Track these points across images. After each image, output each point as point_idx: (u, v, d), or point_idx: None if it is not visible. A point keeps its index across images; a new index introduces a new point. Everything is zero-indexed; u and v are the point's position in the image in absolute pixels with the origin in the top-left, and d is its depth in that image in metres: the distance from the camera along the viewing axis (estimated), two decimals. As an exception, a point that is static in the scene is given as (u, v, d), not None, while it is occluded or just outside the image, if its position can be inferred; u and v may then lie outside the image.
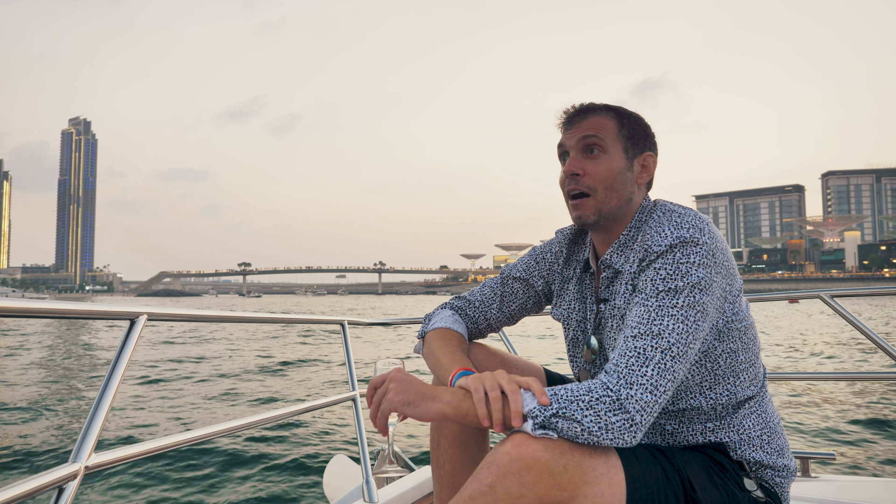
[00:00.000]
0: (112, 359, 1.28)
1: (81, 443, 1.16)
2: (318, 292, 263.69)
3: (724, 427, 1.21)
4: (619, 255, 1.26)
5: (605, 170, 1.24)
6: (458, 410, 1.06)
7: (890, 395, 8.68)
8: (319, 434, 6.88)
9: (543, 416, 0.99)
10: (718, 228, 1.35)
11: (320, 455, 6.04)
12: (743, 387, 1.22)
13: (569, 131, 1.29)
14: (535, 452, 0.97)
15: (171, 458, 5.78)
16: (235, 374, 12.59)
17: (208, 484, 5.28)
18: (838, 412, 7.61)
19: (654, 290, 1.10)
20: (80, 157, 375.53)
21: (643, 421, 1.01)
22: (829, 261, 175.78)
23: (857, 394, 8.74)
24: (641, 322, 1.08)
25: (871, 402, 8.21)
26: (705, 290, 1.10)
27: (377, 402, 1.14)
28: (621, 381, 1.02)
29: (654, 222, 1.20)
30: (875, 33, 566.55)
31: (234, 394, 10.11)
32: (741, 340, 1.21)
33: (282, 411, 1.81)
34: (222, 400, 9.57)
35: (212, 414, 8.59)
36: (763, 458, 1.21)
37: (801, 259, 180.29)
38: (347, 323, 2.32)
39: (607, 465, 1.02)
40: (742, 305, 1.22)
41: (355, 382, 2.16)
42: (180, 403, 9.20)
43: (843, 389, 9.00)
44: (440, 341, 1.37)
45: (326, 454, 6.01)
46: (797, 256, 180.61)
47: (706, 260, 1.11)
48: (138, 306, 1.36)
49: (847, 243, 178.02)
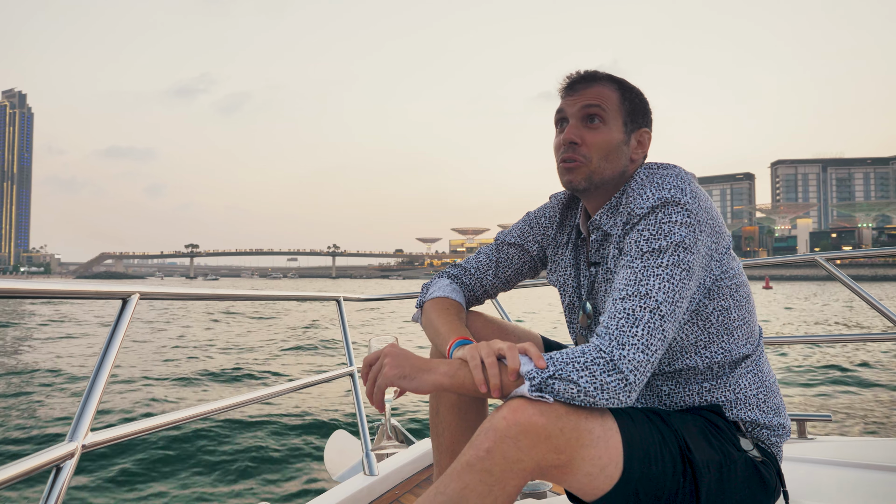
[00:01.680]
0: (105, 338, 1.28)
1: (77, 422, 1.18)
2: (273, 275, 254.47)
3: (720, 387, 1.23)
4: (609, 218, 1.26)
5: (603, 140, 1.24)
6: (454, 380, 1.07)
7: (882, 356, 8.89)
8: (319, 410, 6.87)
9: (541, 378, 1.01)
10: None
11: (320, 430, 6.03)
12: (738, 345, 1.23)
13: (570, 97, 1.27)
14: (531, 417, 0.99)
15: (169, 437, 5.67)
16: (232, 351, 12.43)
17: (206, 461, 5.20)
18: (835, 374, 7.81)
19: (639, 251, 1.12)
20: (14, 132, 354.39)
21: (637, 381, 1.03)
22: (781, 247, 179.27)
23: (853, 356, 8.91)
24: (629, 284, 1.09)
25: (867, 363, 8.46)
26: (689, 249, 1.11)
27: (373, 378, 1.13)
28: (613, 342, 1.04)
29: (637, 184, 1.20)
30: (824, 28, 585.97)
31: (230, 372, 9.96)
32: (732, 298, 1.22)
33: (280, 388, 1.84)
34: (218, 378, 9.43)
35: (208, 392, 8.48)
36: (759, 417, 1.23)
37: (754, 246, 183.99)
38: (343, 299, 2.35)
39: (603, 427, 1.03)
40: (732, 263, 1.24)
41: (352, 358, 2.19)
42: (177, 382, 9.03)
43: (838, 352, 9.18)
44: (438, 310, 1.38)
45: (326, 430, 5.96)
46: (751, 243, 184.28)
47: (688, 219, 1.12)
48: (131, 285, 1.37)
49: (799, 230, 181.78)
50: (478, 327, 1.45)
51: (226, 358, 11.50)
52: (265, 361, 11.17)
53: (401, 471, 2.08)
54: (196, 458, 5.28)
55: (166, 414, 1.42)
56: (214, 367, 10.42)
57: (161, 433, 5.54)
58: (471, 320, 1.46)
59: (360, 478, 1.95)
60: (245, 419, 6.36)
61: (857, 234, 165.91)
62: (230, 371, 9.96)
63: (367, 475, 1.94)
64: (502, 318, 2.30)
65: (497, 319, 1.50)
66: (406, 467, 2.11)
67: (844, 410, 6.26)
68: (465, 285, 1.51)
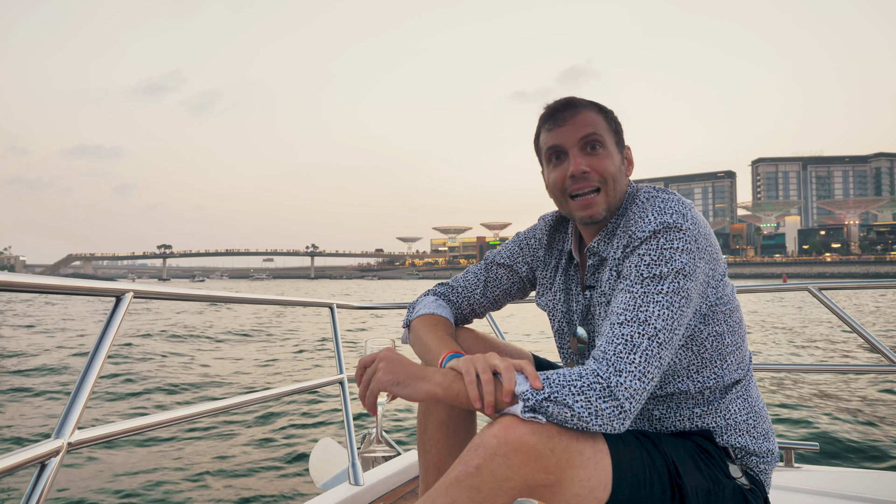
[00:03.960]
0: (97, 336, 1.26)
1: (64, 419, 1.16)
2: (257, 277, 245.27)
3: (710, 412, 1.22)
4: (606, 244, 1.25)
5: (610, 164, 1.22)
6: (448, 391, 1.05)
7: (872, 388, 8.54)
8: (306, 417, 6.79)
9: (535, 400, 1.00)
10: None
11: (306, 438, 5.96)
12: (730, 370, 1.22)
13: (560, 128, 1.24)
14: (522, 436, 0.97)
15: (154, 438, 5.65)
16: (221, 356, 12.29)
17: (191, 465, 5.13)
18: (822, 404, 7.65)
19: (639, 276, 1.10)
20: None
21: (632, 408, 1.01)
22: (770, 245, 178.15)
23: (842, 386, 8.70)
24: (627, 309, 1.08)
25: (856, 394, 8.23)
26: (689, 276, 1.10)
27: (366, 381, 1.12)
28: (610, 368, 1.02)
29: (638, 208, 1.18)
30: (801, 27, 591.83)
31: (218, 375, 9.85)
32: (726, 323, 1.21)
33: (268, 392, 1.82)
34: (207, 381, 9.30)
35: (196, 394, 8.37)
36: (748, 443, 1.22)
37: (743, 243, 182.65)
38: (336, 306, 2.36)
39: (594, 449, 1.03)
40: (726, 289, 1.22)
41: (343, 365, 2.17)
42: (165, 383, 8.96)
43: (828, 381, 8.97)
44: (427, 327, 1.36)
45: (312, 437, 5.95)
46: (739, 241, 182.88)
47: (689, 245, 1.11)
48: (124, 284, 1.36)
49: (787, 228, 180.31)
50: (469, 344, 1.42)
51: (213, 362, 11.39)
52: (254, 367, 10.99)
53: (386, 481, 2.05)
54: (179, 461, 5.20)
55: (153, 414, 1.41)
56: (201, 370, 10.35)
57: (146, 433, 4.96)
58: (462, 336, 1.44)
59: (345, 487, 1.93)
60: (232, 422, 6.30)
61: (846, 232, 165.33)
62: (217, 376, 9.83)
63: (353, 485, 1.92)
64: (495, 335, 2.31)
65: (488, 336, 1.47)
66: (392, 478, 2.08)
67: (832, 440, 6.06)
68: (451, 303, 1.50)
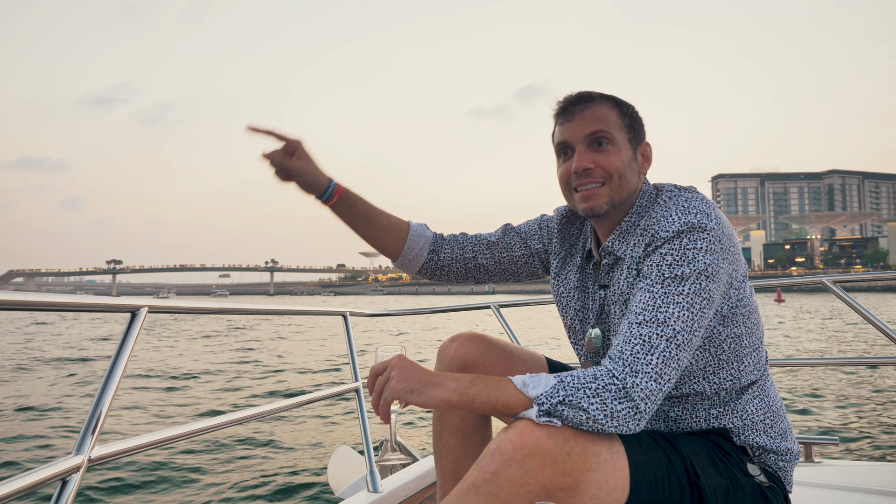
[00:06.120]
0: (114, 352, 1.27)
1: (84, 435, 1.16)
2: (219, 293, 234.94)
3: (727, 413, 1.20)
4: (621, 242, 1.23)
5: (617, 160, 1.20)
6: (463, 397, 1.05)
7: (891, 380, 8.31)
8: (323, 426, 6.86)
9: (550, 404, 0.99)
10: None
11: (324, 446, 6.02)
12: (747, 371, 1.21)
13: (569, 123, 1.22)
14: (538, 440, 0.97)
15: (174, 451, 5.69)
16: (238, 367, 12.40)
17: (211, 476, 5.19)
18: (842, 398, 7.46)
19: (660, 276, 1.08)
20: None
21: (647, 409, 1.01)
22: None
23: (860, 380, 8.42)
24: (647, 308, 1.06)
25: (875, 387, 8.03)
26: (711, 278, 1.08)
27: (379, 389, 1.11)
28: (626, 368, 1.01)
29: (661, 206, 1.16)
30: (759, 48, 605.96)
31: (236, 387, 9.92)
32: (745, 325, 1.19)
33: (285, 402, 1.84)
34: (225, 393, 9.38)
35: (214, 406, 8.48)
36: (766, 442, 1.21)
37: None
38: (349, 314, 2.36)
39: (611, 451, 1.02)
40: (746, 290, 1.21)
41: (357, 373, 2.19)
42: (182, 396, 9.03)
43: (846, 375, 8.65)
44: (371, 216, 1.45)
45: (330, 446, 5.97)
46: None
47: (713, 246, 1.09)
48: (140, 299, 1.36)
49: (753, 242, 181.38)
50: (481, 351, 1.43)
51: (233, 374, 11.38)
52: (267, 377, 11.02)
53: (405, 488, 2.05)
54: (200, 472, 5.25)
55: (171, 428, 1.42)
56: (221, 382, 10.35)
57: (166, 447, 5.25)
58: (475, 344, 1.44)
59: (364, 494, 1.93)
60: (251, 434, 6.35)
61: (810, 246, 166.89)
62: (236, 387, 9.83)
63: (371, 492, 1.92)
64: (510, 339, 2.32)
65: (501, 342, 1.47)
66: (410, 485, 2.08)
67: (852, 434, 5.95)
68: (456, 240, 1.50)
